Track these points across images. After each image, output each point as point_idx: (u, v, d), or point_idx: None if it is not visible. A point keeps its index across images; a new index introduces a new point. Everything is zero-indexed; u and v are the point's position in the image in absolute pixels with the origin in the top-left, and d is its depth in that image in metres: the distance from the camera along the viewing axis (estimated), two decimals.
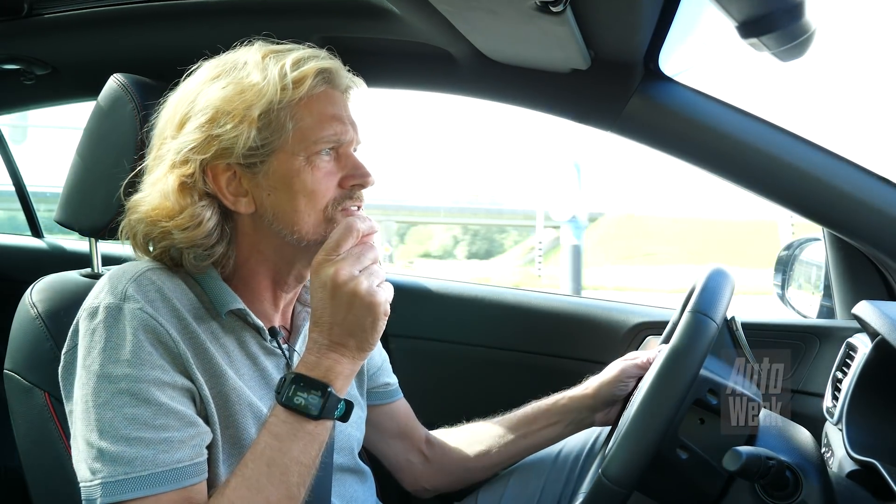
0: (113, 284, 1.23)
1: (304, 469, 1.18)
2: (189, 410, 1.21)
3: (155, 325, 1.19)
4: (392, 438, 1.73)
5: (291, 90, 1.26)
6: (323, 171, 1.30)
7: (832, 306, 1.97)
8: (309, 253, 1.31)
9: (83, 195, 1.57)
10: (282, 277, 1.38)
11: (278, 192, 1.29)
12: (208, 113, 1.25)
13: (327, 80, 1.33)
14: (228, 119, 1.24)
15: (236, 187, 1.30)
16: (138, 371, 1.16)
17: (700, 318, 1.21)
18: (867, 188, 1.59)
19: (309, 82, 1.28)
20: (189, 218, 1.26)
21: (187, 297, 1.28)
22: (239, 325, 1.34)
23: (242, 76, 1.27)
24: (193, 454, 1.18)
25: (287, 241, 1.31)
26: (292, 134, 1.28)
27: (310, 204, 1.29)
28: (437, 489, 1.76)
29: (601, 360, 1.79)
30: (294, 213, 1.29)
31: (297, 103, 1.28)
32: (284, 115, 1.27)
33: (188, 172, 1.26)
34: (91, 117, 1.59)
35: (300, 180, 1.28)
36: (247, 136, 1.24)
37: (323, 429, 1.20)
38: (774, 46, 1.30)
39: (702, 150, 1.68)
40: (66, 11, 1.91)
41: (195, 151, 1.26)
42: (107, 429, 1.14)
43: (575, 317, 1.57)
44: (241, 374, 1.32)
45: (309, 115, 1.29)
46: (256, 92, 1.25)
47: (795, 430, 1.23)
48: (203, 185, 1.28)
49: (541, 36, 1.46)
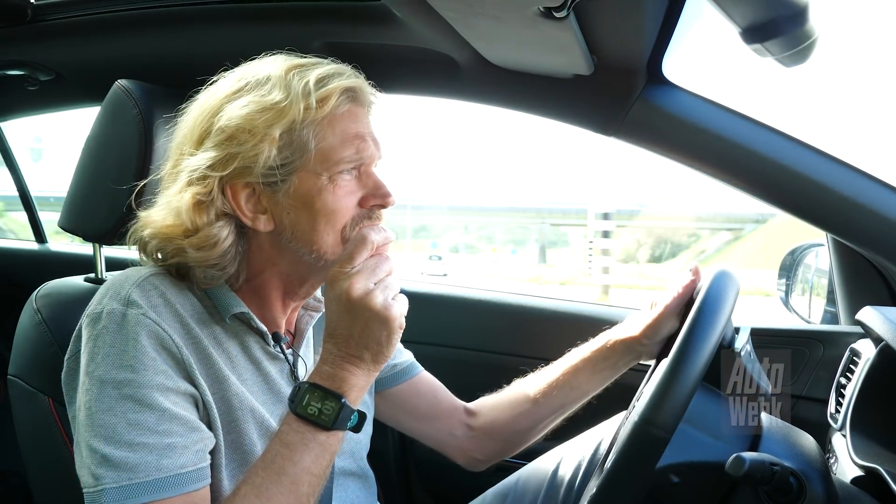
0: (116, 290, 1.22)
1: (315, 479, 1.17)
2: (192, 416, 1.20)
3: (158, 330, 1.19)
4: (426, 418, 1.70)
5: (315, 109, 1.23)
6: (344, 191, 1.28)
7: (836, 312, 1.97)
8: (325, 270, 1.30)
9: (87, 201, 1.57)
10: (293, 289, 1.38)
11: (298, 211, 1.27)
12: (228, 131, 1.23)
13: (352, 98, 1.30)
14: (249, 137, 1.22)
15: (255, 205, 1.28)
16: (141, 377, 1.16)
17: (724, 276, 1.23)
18: (871, 193, 1.59)
19: (333, 101, 1.25)
20: (205, 238, 1.24)
21: (190, 302, 1.28)
22: (242, 329, 1.34)
23: (265, 93, 1.24)
24: (196, 459, 1.18)
25: (304, 259, 1.30)
26: (315, 153, 1.25)
27: (329, 224, 1.27)
28: (491, 457, 1.72)
29: None
30: (313, 233, 1.28)
31: (321, 122, 1.26)
32: (307, 133, 1.25)
33: (205, 191, 1.24)
34: (95, 123, 1.59)
35: (321, 200, 1.26)
36: (267, 155, 1.22)
37: (335, 439, 1.19)
38: (777, 52, 1.30)
39: (705, 156, 1.68)
40: (70, 17, 1.92)
41: (213, 169, 1.23)
42: (110, 434, 1.14)
43: (581, 321, 1.57)
44: (244, 379, 1.32)
45: (332, 134, 1.26)
46: (279, 111, 1.22)
47: (799, 436, 1.23)
48: (221, 203, 1.25)
49: (544, 41, 1.47)
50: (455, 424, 1.70)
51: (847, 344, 1.65)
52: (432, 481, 2.33)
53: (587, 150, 34.30)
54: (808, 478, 1.11)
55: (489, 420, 1.68)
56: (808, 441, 1.21)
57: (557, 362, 1.66)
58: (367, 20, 1.70)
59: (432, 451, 1.71)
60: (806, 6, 1.22)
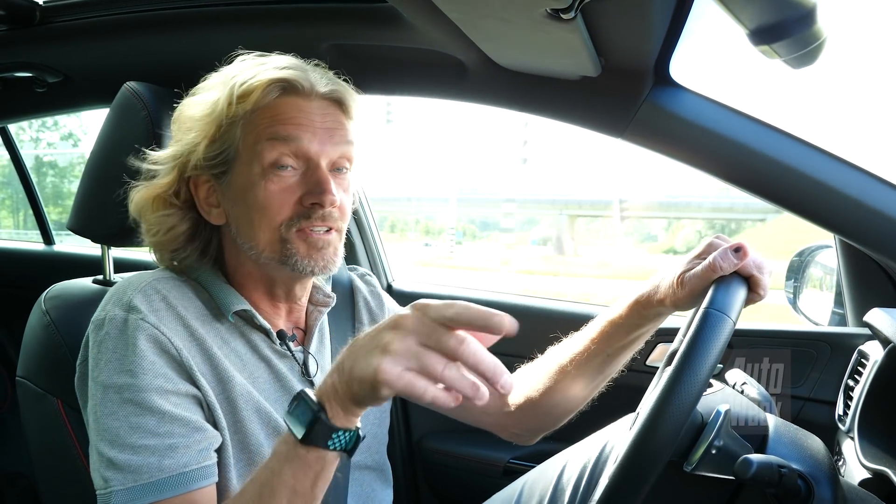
0: (119, 296, 1.25)
1: (297, 497, 1.04)
2: (195, 416, 1.22)
3: (157, 334, 1.21)
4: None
5: (236, 104, 1.28)
6: (279, 186, 1.28)
7: (844, 314, 1.97)
8: (279, 271, 1.34)
9: (96, 202, 1.58)
10: (271, 290, 1.40)
11: (238, 206, 1.31)
12: (181, 129, 1.33)
13: (286, 89, 1.30)
14: (190, 133, 1.31)
15: (215, 199, 1.35)
16: (141, 381, 1.18)
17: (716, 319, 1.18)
18: (879, 195, 1.59)
19: (257, 94, 1.28)
20: (154, 224, 1.35)
21: (193, 304, 1.31)
22: (247, 328, 1.36)
23: (206, 95, 1.32)
24: (200, 458, 1.19)
25: (249, 255, 1.33)
26: (242, 142, 1.29)
27: (263, 220, 1.28)
28: (533, 431, 1.66)
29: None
30: (250, 228, 1.30)
31: (247, 115, 1.29)
32: (235, 126, 1.29)
33: (164, 184, 1.33)
34: (104, 125, 1.60)
35: (253, 194, 1.28)
36: (201, 148, 1.30)
37: (315, 457, 1.02)
38: (786, 54, 1.30)
39: (713, 158, 1.67)
40: (78, 19, 1.93)
41: (164, 162, 1.34)
42: (114, 438, 1.16)
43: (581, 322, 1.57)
44: (256, 378, 1.33)
45: (260, 122, 1.29)
46: (210, 109, 1.29)
47: (807, 439, 1.23)
48: (180, 196, 1.35)
49: (551, 43, 1.47)
50: (488, 403, 1.65)
51: (855, 346, 1.65)
52: (440, 484, 2.33)
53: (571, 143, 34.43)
54: (815, 480, 1.11)
55: (523, 396, 1.61)
56: (815, 443, 1.21)
57: (585, 330, 1.53)
58: (373, 22, 1.70)
59: (440, 453, 1.71)
60: (814, 8, 1.22)
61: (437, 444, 2.31)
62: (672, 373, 1.05)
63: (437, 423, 2.30)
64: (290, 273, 1.33)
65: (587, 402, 1.58)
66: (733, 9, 1.24)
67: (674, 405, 1.02)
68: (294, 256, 1.29)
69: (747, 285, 1.19)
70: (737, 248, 1.19)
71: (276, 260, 1.30)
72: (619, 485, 1.04)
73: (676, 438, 1.03)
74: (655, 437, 1.02)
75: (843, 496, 1.13)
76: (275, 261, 1.30)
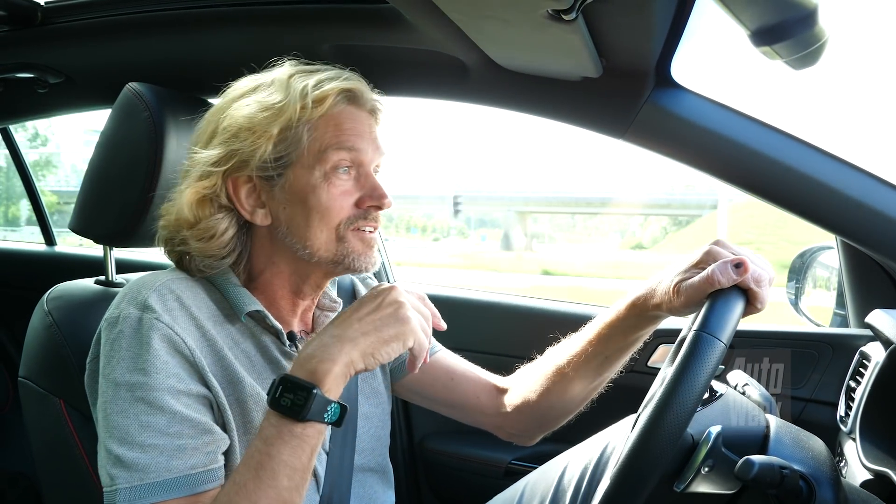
0: (134, 294, 1.25)
1: (296, 473, 1.14)
2: (205, 418, 1.22)
3: (171, 334, 1.21)
4: (447, 402, 1.67)
5: (311, 108, 1.30)
6: (339, 189, 1.33)
7: (845, 315, 1.96)
8: (320, 268, 1.37)
9: (98, 203, 1.58)
10: (298, 287, 1.41)
11: (293, 206, 1.33)
12: (232, 129, 1.31)
13: (350, 99, 1.36)
14: (248, 134, 1.30)
15: (255, 199, 1.35)
16: (153, 380, 1.18)
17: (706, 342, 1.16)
18: (880, 196, 1.59)
19: (330, 101, 1.31)
20: (204, 229, 1.31)
21: (206, 304, 1.31)
22: (258, 329, 1.36)
23: (267, 95, 1.32)
24: (208, 461, 1.20)
25: (299, 255, 1.35)
26: (308, 147, 1.31)
27: (323, 221, 1.32)
28: (531, 432, 1.66)
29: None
30: (307, 229, 1.33)
31: (316, 120, 1.32)
32: (301, 130, 1.31)
33: (209, 185, 1.31)
34: (106, 126, 1.60)
35: (315, 196, 1.31)
36: (264, 150, 1.29)
37: (312, 431, 1.15)
38: (787, 55, 1.30)
39: (714, 159, 1.67)
40: (80, 20, 1.93)
41: (216, 165, 1.31)
42: (123, 436, 1.16)
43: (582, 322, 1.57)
44: (264, 379, 1.33)
45: (326, 130, 1.32)
46: (278, 110, 1.30)
47: (809, 440, 1.22)
48: (224, 197, 1.33)
49: (553, 44, 1.47)
50: (484, 403, 1.65)
51: (856, 347, 1.65)
52: (441, 485, 2.33)
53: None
54: (817, 481, 1.11)
55: (520, 397, 1.61)
56: (817, 444, 1.21)
57: (583, 332, 1.53)
58: (375, 23, 1.70)
59: (441, 454, 1.70)
60: (815, 9, 1.22)
61: (438, 445, 2.31)
62: (660, 398, 1.05)
63: (438, 425, 2.29)
64: (339, 271, 1.38)
65: (586, 403, 1.59)
66: (734, 10, 1.24)
67: (662, 430, 1.03)
68: (351, 255, 1.35)
69: (745, 298, 1.19)
70: (737, 264, 1.18)
71: (331, 259, 1.34)
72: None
73: (664, 464, 1.04)
74: (643, 460, 1.03)
75: (844, 497, 1.13)
76: (329, 260, 1.34)
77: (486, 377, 1.68)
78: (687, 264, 1.29)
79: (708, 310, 1.14)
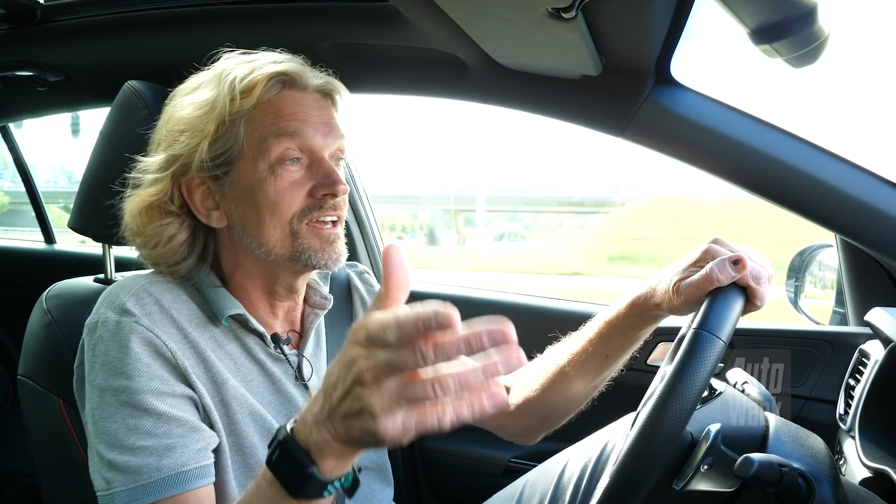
0: (112, 299, 1.25)
1: None
2: (191, 417, 1.22)
3: (151, 337, 1.20)
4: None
5: (240, 100, 1.26)
6: (288, 181, 1.29)
7: (845, 313, 1.96)
8: (281, 267, 1.33)
9: (97, 201, 1.57)
10: (271, 288, 1.39)
11: (244, 204, 1.30)
12: (172, 133, 1.30)
13: (286, 83, 1.32)
14: (186, 136, 1.28)
15: (211, 201, 1.32)
16: (136, 383, 1.17)
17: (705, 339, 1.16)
18: (880, 194, 1.59)
19: (259, 89, 1.28)
20: (151, 236, 1.31)
21: (187, 307, 1.30)
22: (242, 331, 1.35)
23: (198, 94, 1.30)
24: (198, 458, 1.19)
25: (257, 255, 1.32)
26: (246, 139, 1.28)
27: (274, 216, 1.28)
28: (533, 432, 1.64)
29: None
30: (259, 226, 1.29)
31: (250, 112, 1.28)
32: (238, 123, 1.28)
33: (155, 192, 1.30)
34: (105, 124, 1.60)
35: (262, 191, 1.28)
36: (202, 149, 1.27)
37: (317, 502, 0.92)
38: (786, 53, 1.30)
39: (714, 157, 1.67)
40: (79, 18, 1.93)
41: (159, 170, 1.30)
42: (112, 441, 1.16)
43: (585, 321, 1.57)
44: (250, 381, 1.33)
45: (265, 118, 1.29)
46: (209, 106, 1.27)
47: (808, 437, 1.22)
48: (175, 202, 1.31)
49: (552, 42, 1.47)
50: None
51: (856, 345, 1.65)
52: (440, 483, 2.33)
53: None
54: (816, 479, 1.11)
55: (521, 397, 1.59)
56: (816, 442, 1.21)
57: (583, 331, 1.50)
58: (375, 21, 1.70)
59: (440, 452, 1.70)
60: (815, 7, 1.22)
61: (437, 444, 2.31)
62: (660, 395, 1.05)
63: None
64: (299, 269, 1.34)
65: (587, 402, 1.57)
66: (734, 8, 1.24)
67: (662, 427, 1.03)
68: (307, 252, 1.30)
69: (744, 295, 1.18)
70: (735, 261, 1.17)
71: (288, 257, 1.30)
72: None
73: (664, 462, 1.04)
74: (643, 459, 1.03)
75: (844, 495, 1.13)
76: (286, 258, 1.30)
77: None
78: (686, 263, 1.28)
79: (707, 308, 1.14)
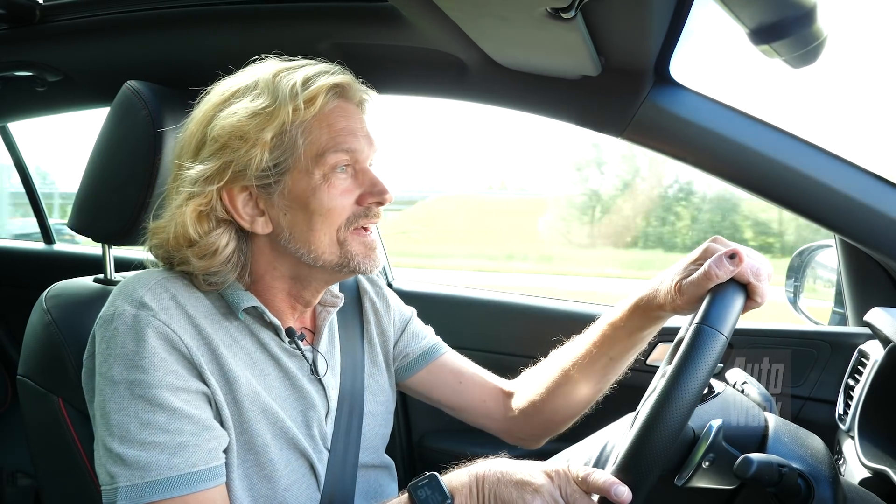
0: (129, 292, 1.24)
1: None
2: (205, 414, 1.21)
3: (168, 332, 1.20)
4: (455, 405, 1.67)
5: (303, 110, 1.26)
6: (339, 189, 1.30)
7: (844, 313, 1.97)
8: (324, 273, 1.34)
9: (97, 202, 1.58)
10: (298, 293, 1.39)
11: (294, 212, 1.30)
12: (221, 140, 1.26)
13: (340, 94, 1.33)
14: (241, 143, 1.25)
15: (253, 208, 1.31)
16: (152, 377, 1.17)
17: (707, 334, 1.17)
18: (879, 195, 1.59)
19: (321, 100, 1.28)
20: (206, 247, 1.27)
21: (202, 303, 1.29)
22: (257, 326, 1.35)
23: (253, 98, 1.28)
24: (209, 458, 1.19)
25: (303, 260, 1.32)
26: (304, 151, 1.28)
27: (326, 223, 1.30)
28: (538, 436, 1.66)
29: None
30: (310, 233, 1.30)
31: (310, 121, 1.28)
32: (296, 133, 1.28)
33: (205, 201, 1.27)
34: (105, 124, 1.59)
35: (316, 199, 1.29)
36: (259, 159, 1.25)
37: None
38: (786, 53, 1.30)
39: (713, 157, 1.67)
40: (79, 18, 1.92)
41: (209, 181, 1.27)
42: (123, 434, 1.15)
43: (582, 321, 1.57)
44: (266, 375, 1.33)
45: (320, 131, 1.29)
46: (269, 114, 1.25)
47: (807, 438, 1.22)
48: (220, 210, 1.28)
49: (552, 42, 1.47)
50: (491, 408, 1.65)
51: (855, 345, 1.65)
52: None
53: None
54: (816, 479, 1.11)
55: (526, 401, 1.61)
56: (816, 442, 1.21)
57: (587, 334, 1.53)
58: (374, 21, 1.70)
59: (440, 453, 1.70)
60: (814, 7, 1.22)
61: (437, 444, 2.31)
62: (662, 389, 1.05)
63: (436, 423, 2.29)
64: (344, 274, 1.36)
65: (591, 404, 1.58)
66: (733, 8, 1.24)
67: (665, 420, 1.03)
68: (355, 258, 1.32)
69: (745, 292, 1.19)
70: (731, 255, 1.18)
71: (336, 263, 1.32)
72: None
73: (666, 457, 1.04)
74: (645, 454, 1.04)
75: (843, 495, 1.13)
76: (334, 264, 1.32)
77: (493, 381, 1.68)
78: (686, 262, 1.29)
79: (708, 303, 1.15)
